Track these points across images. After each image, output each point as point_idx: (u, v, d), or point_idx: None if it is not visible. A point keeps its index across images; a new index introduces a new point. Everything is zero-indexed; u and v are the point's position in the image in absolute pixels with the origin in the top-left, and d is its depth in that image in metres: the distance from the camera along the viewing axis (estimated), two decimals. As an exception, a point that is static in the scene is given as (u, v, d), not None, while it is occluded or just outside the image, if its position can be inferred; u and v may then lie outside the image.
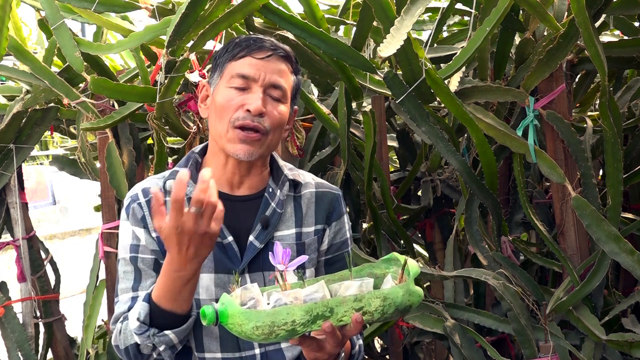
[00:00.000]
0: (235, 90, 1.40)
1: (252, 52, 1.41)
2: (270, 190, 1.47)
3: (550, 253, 2.25)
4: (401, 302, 1.19)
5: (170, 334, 1.30)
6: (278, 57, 1.43)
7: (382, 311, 1.18)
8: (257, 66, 1.40)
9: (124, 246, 1.44)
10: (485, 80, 2.14)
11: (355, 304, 1.17)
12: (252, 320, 1.13)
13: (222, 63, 1.44)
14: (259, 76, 1.40)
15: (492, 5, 1.79)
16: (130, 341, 1.34)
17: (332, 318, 1.16)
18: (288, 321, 1.13)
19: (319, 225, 1.50)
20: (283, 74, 1.43)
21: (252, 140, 1.39)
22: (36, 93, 2.38)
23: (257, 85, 1.40)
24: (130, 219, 1.44)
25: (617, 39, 2.30)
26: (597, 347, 1.99)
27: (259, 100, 1.38)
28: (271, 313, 1.13)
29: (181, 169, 1.44)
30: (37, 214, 8.49)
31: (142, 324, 1.29)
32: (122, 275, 1.43)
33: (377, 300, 1.18)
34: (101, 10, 2.03)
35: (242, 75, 1.40)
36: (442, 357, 2.88)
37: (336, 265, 1.52)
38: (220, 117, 1.40)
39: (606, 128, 1.89)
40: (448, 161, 2.08)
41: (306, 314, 1.14)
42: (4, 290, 2.59)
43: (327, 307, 1.16)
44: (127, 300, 1.40)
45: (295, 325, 1.14)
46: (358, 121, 2.63)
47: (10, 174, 2.51)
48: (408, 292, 1.20)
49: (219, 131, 1.41)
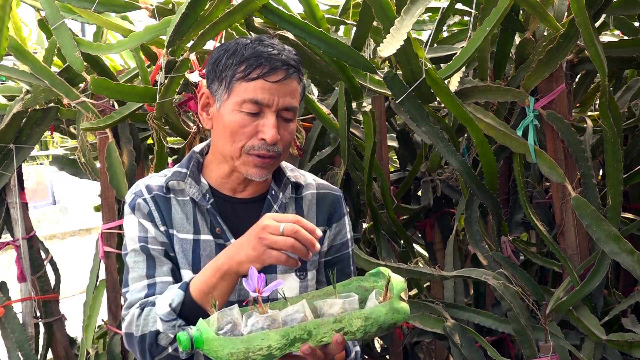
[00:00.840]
0: (247, 115, 1.35)
1: (265, 75, 1.34)
2: (273, 193, 1.46)
3: (550, 253, 2.25)
4: (384, 320, 1.17)
5: None
6: (291, 78, 1.37)
7: (365, 330, 1.17)
8: (271, 91, 1.34)
9: (132, 238, 1.43)
10: (485, 80, 2.14)
11: (335, 325, 1.16)
12: (227, 347, 1.13)
13: (230, 78, 1.36)
14: (272, 102, 1.35)
15: (492, 5, 1.79)
16: (151, 328, 1.32)
17: (311, 340, 1.16)
18: (263, 346, 1.13)
19: (320, 227, 1.48)
20: (295, 93, 1.39)
21: (267, 165, 1.38)
22: (36, 93, 2.38)
23: (270, 111, 1.35)
24: (136, 212, 1.43)
25: (617, 39, 2.30)
26: (597, 347, 2.00)
27: (273, 129, 1.34)
28: (245, 339, 1.13)
29: (182, 169, 1.45)
30: (37, 214, 8.48)
31: (172, 311, 1.28)
32: (133, 265, 1.42)
33: (358, 321, 1.17)
34: (101, 10, 2.03)
35: (256, 101, 1.34)
36: (442, 357, 2.88)
37: (336, 267, 1.52)
38: (232, 140, 1.37)
39: (606, 128, 1.89)
40: (448, 161, 2.08)
41: (282, 338, 1.14)
42: (4, 290, 2.59)
43: (305, 330, 1.15)
44: (143, 287, 1.39)
45: (272, 350, 1.13)
46: (358, 121, 2.63)
47: (10, 174, 2.51)
48: (392, 311, 1.18)
49: (228, 152, 1.39)
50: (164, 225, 1.42)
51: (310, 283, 1.47)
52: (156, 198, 1.43)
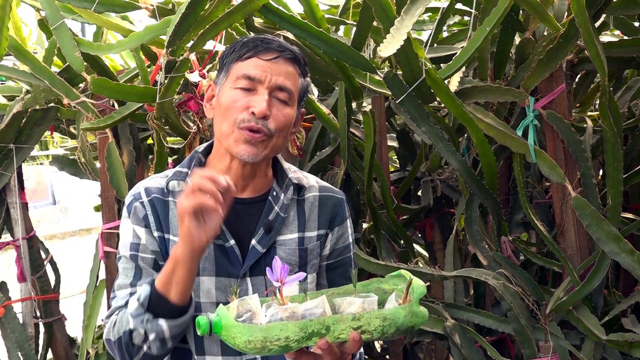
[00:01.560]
0: (240, 91, 1.38)
1: (258, 53, 1.38)
2: (275, 194, 1.45)
3: (550, 253, 2.25)
4: (402, 322, 1.17)
5: (163, 324, 1.30)
6: (285, 59, 1.40)
7: (382, 331, 1.17)
8: (264, 67, 1.37)
9: (124, 244, 1.44)
10: (485, 80, 2.14)
11: (353, 323, 1.16)
12: (245, 334, 1.13)
13: (229, 63, 1.41)
14: (265, 78, 1.37)
15: (492, 5, 1.79)
16: (125, 328, 1.33)
17: (329, 335, 1.16)
18: (281, 337, 1.13)
19: (321, 230, 1.49)
20: (290, 76, 1.40)
21: (256, 142, 1.37)
22: (36, 93, 2.38)
23: (262, 87, 1.37)
24: (131, 217, 1.43)
25: (617, 39, 2.30)
26: (597, 347, 2.00)
27: (263, 102, 1.36)
28: (264, 328, 1.14)
29: (183, 169, 1.45)
30: (37, 214, 8.48)
31: (140, 305, 1.30)
32: (122, 271, 1.43)
33: (377, 320, 1.17)
34: (101, 10, 2.03)
35: (248, 76, 1.37)
36: (442, 357, 2.88)
37: (338, 271, 1.51)
38: (225, 117, 1.38)
39: (606, 128, 1.89)
40: (448, 161, 2.08)
41: (300, 331, 1.14)
42: (4, 290, 2.59)
43: (323, 325, 1.15)
44: (125, 295, 1.40)
45: (289, 342, 1.14)
46: (358, 121, 2.63)
47: (10, 174, 2.51)
48: (411, 313, 1.18)
49: (223, 131, 1.40)
50: (159, 231, 1.42)
51: (310, 286, 1.46)
52: (154, 201, 1.43)
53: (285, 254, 1.43)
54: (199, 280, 1.40)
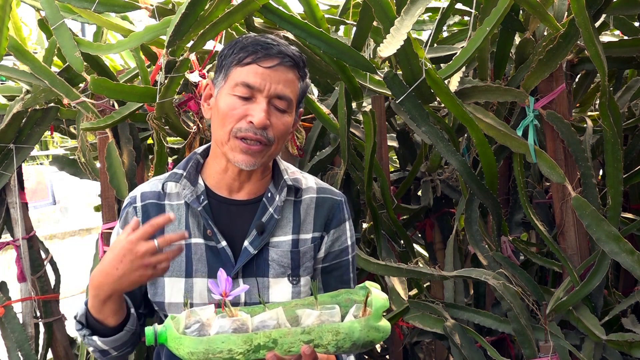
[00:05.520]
0: (238, 99, 1.36)
1: (258, 60, 1.35)
2: (269, 195, 1.44)
3: (550, 253, 2.25)
4: (359, 337, 1.15)
5: (97, 340, 1.34)
6: (285, 66, 1.37)
7: (337, 345, 1.16)
8: (263, 76, 1.35)
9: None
10: (485, 80, 2.14)
11: (303, 337, 1.15)
12: (187, 346, 1.14)
13: (227, 66, 1.39)
14: (264, 87, 1.35)
15: (492, 5, 1.79)
16: None
17: (277, 349, 1.15)
18: (224, 349, 1.13)
19: (316, 233, 1.47)
20: (289, 83, 1.38)
21: (254, 152, 1.37)
22: (36, 93, 2.38)
23: (261, 96, 1.36)
24: (121, 221, 1.46)
25: (617, 39, 2.30)
26: (597, 347, 2.00)
27: (262, 112, 1.34)
28: (206, 340, 1.14)
29: (179, 171, 1.45)
30: (37, 214, 8.48)
31: (78, 322, 1.34)
32: None
33: (329, 335, 1.15)
34: (101, 10, 2.03)
35: (247, 84, 1.35)
36: (442, 357, 2.88)
37: (334, 274, 1.49)
38: (222, 124, 1.37)
39: (606, 128, 1.89)
40: (448, 161, 2.08)
41: (244, 344, 1.14)
42: (4, 290, 2.59)
43: (270, 338, 1.15)
44: None
45: (233, 354, 1.14)
46: (358, 121, 2.63)
47: (10, 174, 2.50)
48: (367, 328, 1.16)
49: (220, 137, 1.39)
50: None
51: (304, 289, 1.44)
52: (148, 207, 1.44)
53: (278, 255, 1.42)
54: (192, 281, 1.41)
